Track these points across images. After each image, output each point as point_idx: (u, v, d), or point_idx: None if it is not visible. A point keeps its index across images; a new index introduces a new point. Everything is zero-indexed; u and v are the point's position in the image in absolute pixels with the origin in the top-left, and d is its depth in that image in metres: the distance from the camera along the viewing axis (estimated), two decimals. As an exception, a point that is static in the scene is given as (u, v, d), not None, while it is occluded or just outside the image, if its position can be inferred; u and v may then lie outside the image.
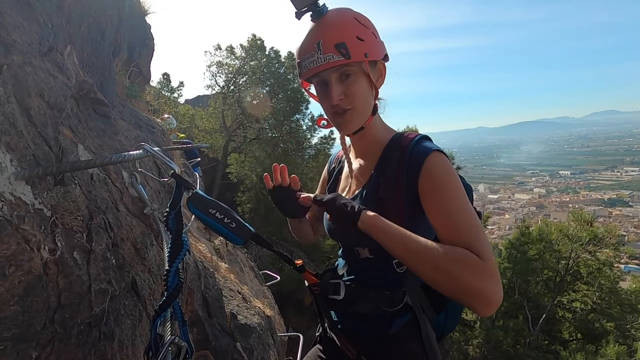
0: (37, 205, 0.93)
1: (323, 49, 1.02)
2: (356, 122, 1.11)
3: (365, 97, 1.09)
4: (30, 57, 1.11)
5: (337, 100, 1.06)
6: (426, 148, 1.03)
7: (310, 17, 1.07)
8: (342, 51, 1.01)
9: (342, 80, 1.06)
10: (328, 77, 1.06)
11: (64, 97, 1.25)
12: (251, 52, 15.13)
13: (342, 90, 1.06)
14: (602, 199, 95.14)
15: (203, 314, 2.40)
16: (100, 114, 1.73)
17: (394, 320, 1.10)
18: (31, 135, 1.02)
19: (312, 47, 1.03)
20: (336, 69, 1.04)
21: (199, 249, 3.43)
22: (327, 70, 1.04)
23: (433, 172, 0.98)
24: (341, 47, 1.01)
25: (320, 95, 1.12)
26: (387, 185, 1.06)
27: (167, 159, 1.13)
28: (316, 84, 1.13)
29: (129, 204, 1.55)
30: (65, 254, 0.96)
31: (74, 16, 1.59)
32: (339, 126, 1.13)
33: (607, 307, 13.27)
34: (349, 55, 1.01)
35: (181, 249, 1.06)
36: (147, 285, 1.47)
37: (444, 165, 1.00)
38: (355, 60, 1.02)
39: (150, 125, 2.58)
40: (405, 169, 1.03)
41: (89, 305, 1.02)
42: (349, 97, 1.06)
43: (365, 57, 1.03)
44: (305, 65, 1.06)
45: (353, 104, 1.07)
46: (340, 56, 1.01)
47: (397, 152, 1.08)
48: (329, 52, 1.01)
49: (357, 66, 1.05)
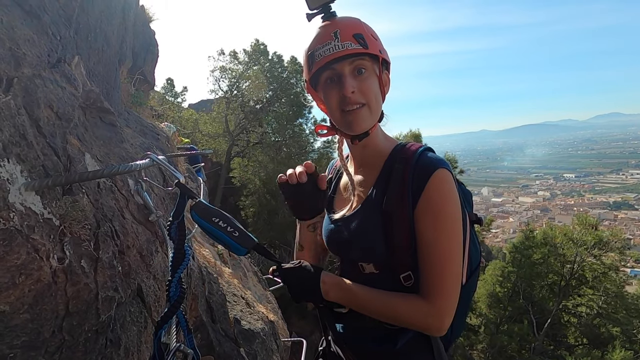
0: (47, 215, 0.95)
1: (340, 37, 1.01)
2: (368, 121, 1.07)
3: (377, 96, 1.06)
4: (40, 69, 1.14)
5: (351, 92, 1.02)
6: (431, 163, 1.02)
7: (322, 18, 1.07)
8: (360, 41, 1.00)
9: (355, 75, 1.03)
10: (341, 69, 1.03)
11: (71, 108, 1.27)
12: (254, 57, 15.23)
13: (356, 84, 1.03)
14: (607, 201, 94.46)
15: (207, 319, 2.42)
16: (107, 122, 1.76)
17: (400, 335, 1.08)
18: (40, 145, 1.05)
19: (329, 36, 1.02)
20: (351, 61, 1.02)
21: (202, 254, 3.45)
22: (341, 63, 1.02)
23: (432, 196, 1.00)
24: (359, 37, 1.01)
25: (329, 92, 1.07)
26: (392, 198, 1.04)
27: (172, 168, 1.15)
28: (324, 81, 1.08)
29: (135, 211, 1.57)
30: (74, 263, 0.98)
31: (82, 27, 1.62)
32: (350, 124, 1.06)
33: (613, 311, 13.15)
34: (366, 45, 1.01)
35: (183, 259, 1.07)
36: (153, 292, 1.49)
37: (444, 190, 1.00)
38: (372, 52, 1.02)
39: (155, 132, 2.61)
40: (410, 182, 1.02)
41: (96, 312, 1.04)
42: (362, 92, 1.03)
43: (380, 54, 1.04)
44: (320, 54, 1.03)
45: (367, 99, 1.04)
46: (358, 45, 1.00)
47: (401, 164, 1.06)
48: (347, 40, 1.00)
49: (370, 62, 1.04)
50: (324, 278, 1.06)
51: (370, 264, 1.11)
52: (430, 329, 1.01)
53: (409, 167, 1.03)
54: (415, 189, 1.01)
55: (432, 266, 1.00)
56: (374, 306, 1.04)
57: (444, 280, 0.99)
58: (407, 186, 1.02)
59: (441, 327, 1.00)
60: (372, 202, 1.09)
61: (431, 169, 1.01)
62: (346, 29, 1.02)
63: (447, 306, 0.99)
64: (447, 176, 1.01)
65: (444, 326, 1.00)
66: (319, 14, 1.07)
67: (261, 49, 15.24)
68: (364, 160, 1.17)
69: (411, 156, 1.05)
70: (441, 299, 0.99)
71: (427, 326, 1.01)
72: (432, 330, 1.01)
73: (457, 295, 1.02)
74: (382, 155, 1.13)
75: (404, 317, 1.02)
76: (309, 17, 1.08)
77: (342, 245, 1.18)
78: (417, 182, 1.01)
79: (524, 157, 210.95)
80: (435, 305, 0.99)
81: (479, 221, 1.21)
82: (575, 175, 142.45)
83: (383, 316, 1.05)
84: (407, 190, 1.02)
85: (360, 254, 1.12)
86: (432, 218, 1.00)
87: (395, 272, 1.07)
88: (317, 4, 1.05)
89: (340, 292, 1.06)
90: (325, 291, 1.05)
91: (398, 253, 1.04)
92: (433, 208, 1.00)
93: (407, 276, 1.06)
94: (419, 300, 1.01)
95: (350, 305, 1.08)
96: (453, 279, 1.00)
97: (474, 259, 1.17)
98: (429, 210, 1.00)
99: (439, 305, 0.99)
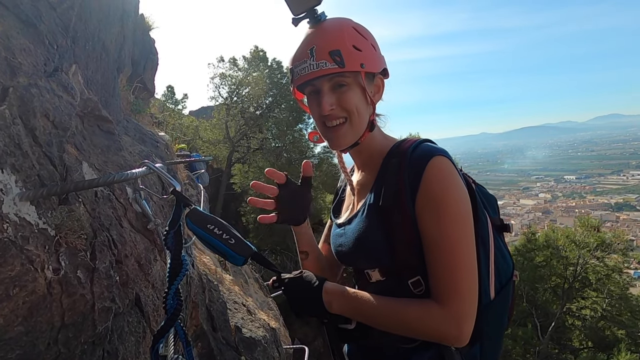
0: (42, 225, 0.94)
1: (316, 55, 0.96)
2: (349, 137, 1.03)
3: (360, 109, 1.01)
4: (36, 78, 1.13)
5: (329, 110, 0.99)
6: (427, 151, 0.96)
7: (308, 23, 1.03)
8: (337, 59, 0.95)
9: (334, 91, 1.00)
10: (320, 86, 1.00)
11: (68, 116, 1.27)
12: (254, 64, 15.30)
13: (335, 99, 0.99)
14: (608, 203, 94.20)
15: (208, 327, 2.39)
16: (105, 130, 1.75)
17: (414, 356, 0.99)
18: (36, 155, 1.04)
19: (305, 54, 0.98)
20: (329, 78, 0.98)
21: (203, 261, 3.43)
22: (319, 79, 0.98)
23: (430, 186, 0.93)
24: (335, 54, 0.95)
25: (312, 105, 1.05)
26: (388, 193, 0.98)
27: (169, 176, 1.14)
28: (308, 94, 1.07)
29: (133, 219, 1.56)
30: (69, 273, 0.97)
31: (79, 36, 1.62)
32: (330, 141, 1.06)
33: (618, 314, 13.04)
34: (343, 63, 0.95)
35: (180, 269, 1.05)
36: (151, 301, 1.48)
37: (442, 177, 0.93)
38: (349, 70, 0.96)
39: (154, 140, 2.60)
40: (405, 174, 0.96)
41: (93, 324, 1.02)
42: (341, 106, 1.00)
43: (362, 68, 0.97)
44: (297, 72, 1.01)
45: (348, 112, 1.00)
46: (334, 64, 0.95)
47: (397, 158, 1.00)
48: (322, 59, 0.95)
49: (352, 77, 0.99)
50: (327, 288, 1.00)
51: (376, 270, 1.05)
52: (448, 338, 0.90)
53: (404, 159, 0.98)
54: (412, 181, 0.95)
55: (441, 265, 0.91)
56: (382, 315, 0.95)
57: (457, 279, 0.89)
58: (403, 179, 0.96)
59: (460, 335, 0.88)
60: (371, 202, 1.04)
61: (427, 157, 0.95)
62: (323, 46, 0.97)
63: (463, 309, 0.89)
64: (444, 163, 0.94)
65: (464, 334, 0.88)
66: (304, 19, 1.03)
67: (260, 56, 15.31)
68: (364, 164, 1.14)
69: (407, 149, 1.00)
70: (456, 301, 0.89)
71: (444, 334, 0.89)
72: (449, 339, 0.89)
73: (475, 295, 0.92)
74: (381, 154, 1.08)
75: (415, 325, 0.91)
76: (294, 22, 1.04)
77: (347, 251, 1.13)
78: (413, 173, 0.95)
79: (525, 160, 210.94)
80: (450, 308, 0.88)
81: (505, 228, 1.11)
82: (576, 177, 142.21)
83: (392, 326, 0.95)
84: (404, 184, 0.95)
85: (363, 259, 1.07)
86: (433, 210, 0.92)
87: (402, 277, 1.00)
88: (300, 9, 1.01)
89: (344, 302, 0.99)
90: (328, 302, 0.98)
91: (402, 254, 0.98)
92: (433, 199, 0.92)
93: (417, 282, 0.99)
94: (432, 304, 0.91)
95: (356, 316, 1.00)
96: (467, 276, 0.90)
97: (502, 271, 1.06)
98: (429, 201, 0.92)
99: (454, 308, 0.88)
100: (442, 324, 0.89)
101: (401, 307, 0.94)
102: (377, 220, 1.00)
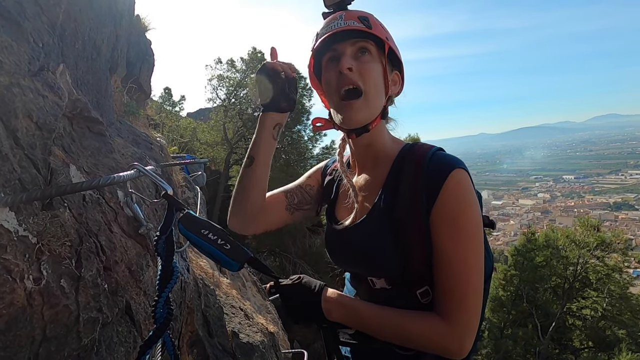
0: (22, 232, 0.88)
1: (345, 17, 0.98)
2: (363, 113, 0.98)
3: (377, 85, 0.98)
4: (19, 77, 1.08)
5: (347, 69, 0.95)
6: (447, 163, 0.93)
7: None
8: (365, 23, 0.97)
9: (357, 56, 0.98)
10: (343, 49, 0.98)
11: (54, 117, 1.21)
12: (252, 65, 15.26)
13: (356, 65, 0.97)
14: (607, 202, 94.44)
15: (203, 333, 2.34)
16: (95, 132, 1.70)
17: None
18: (17, 158, 0.99)
19: (334, 18, 0.99)
20: (352, 42, 0.97)
21: (200, 264, 3.37)
22: (342, 43, 0.97)
23: (449, 201, 0.90)
24: (364, 19, 0.97)
25: (328, 73, 1.01)
26: (403, 204, 0.94)
27: (160, 180, 1.09)
28: (326, 63, 1.02)
29: (124, 224, 1.50)
30: (52, 283, 0.92)
31: (68, 34, 1.57)
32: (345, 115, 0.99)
33: (618, 313, 13.03)
34: (370, 27, 0.97)
35: (171, 277, 1.00)
36: (143, 309, 1.42)
37: (463, 193, 0.91)
38: (375, 34, 0.97)
39: (149, 142, 2.55)
40: (423, 185, 0.92)
41: (77, 336, 0.97)
42: (361, 74, 0.96)
43: (387, 40, 0.99)
44: (322, 33, 1.00)
45: (365, 84, 0.96)
46: (361, 25, 0.96)
47: (411, 165, 0.96)
48: (351, 19, 0.97)
49: (375, 47, 0.99)
50: (327, 295, 0.96)
51: (382, 279, 1.01)
52: (450, 352, 0.89)
53: (420, 168, 0.93)
54: (429, 193, 0.91)
55: (450, 281, 0.90)
56: (384, 327, 0.93)
57: (465, 297, 0.89)
58: (420, 190, 0.92)
59: (461, 350, 0.89)
60: (381, 209, 0.99)
61: (447, 169, 0.91)
62: (353, 12, 0.99)
63: (468, 326, 0.89)
64: (464, 177, 0.92)
65: (465, 349, 0.89)
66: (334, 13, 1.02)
67: (258, 57, 15.27)
68: (368, 162, 1.08)
69: (423, 156, 0.95)
70: (462, 318, 0.88)
71: (446, 349, 0.89)
72: (451, 353, 0.90)
73: (479, 312, 0.92)
74: (388, 156, 1.03)
75: (418, 339, 0.90)
76: (325, 16, 1.03)
77: (349, 259, 1.08)
78: (431, 185, 0.91)
79: (523, 160, 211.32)
80: (455, 325, 0.88)
81: (491, 224, 1.11)
82: (574, 177, 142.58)
83: (394, 338, 0.93)
84: (420, 195, 0.91)
85: (369, 269, 1.02)
86: (449, 226, 0.90)
87: (410, 287, 0.96)
88: (333, 1, 1.02)
89: (344, 311, 0.95)
90: (327, 310, 0.95)
91: (413, 266, 0.94)
92: (450, 214, 0.90)
93: (425, 292, 0.96)
94: (436, 319, 0.90)
95: (357, 326, 0.97)
96: (475, 294, 0.90)
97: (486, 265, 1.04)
98: (446, 217, 0.90)
99: (460, 325, 0.88)
100: (445, 340, 0.88)
101: (404, 320, 0.92)
102: (389, 231, 0.96)
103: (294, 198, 1.25)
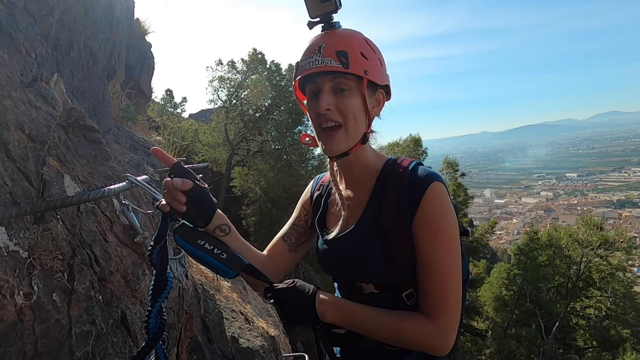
0: (12, 247, 0.88)
1: (323, 52, 0.98)
2: (343, 144, 1.02)
3: (357, 117, 1.01)
4: (10, 90, 1.08)
5: (325, 109, 0.98)
6: (426, 176, 1.00)
7: (322, 28, 1.04)
8: (342, 59, 0.96)
9: (335, 93, 1.00)
10: (322, 85, 1.00)
11: (47, 128, 1.21)
12: (252, 66, 15.24)
13: (334, 102, 0.99)
14: (610, 200, 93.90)
15: (203, 339, 2.33)
16: (91, 140, 1.70)
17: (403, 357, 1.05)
18: (9, 171, 0.98)
19: (313, 50, 1.00)
20: (331, 77, 0.99)
21: (199, 269, 3.36)
22: (321, 78, 0.99)
23: (429, 211, 0.98)
24: (342, 54, 0.96)
25: (310, 105, 1.05)
26: (388, 214, 1.01)
27: (153, 190, 1.08)
28: (309, 94, 1.06)
29: (120, 233, 1.50)
30: (43, 298, 0.91)
31: (62, 43, 1.56)
32: (324, 145, 1.04)
33: (622, 312, 12.94)
34: (347, 64, 0.96)
35: (165, 287, 1.00)
36: (139, 319, 1.42)
37: (440, 204, 0.99)
38: (352, 72, 0.97)
39: (147, 147, 2.55)
40: (405, 196, 1.00)
41: (70, 350, 0.96)
42: (339, 110, 0.99)
43: (365, 74, 0.98)
44: (302, 66, 1.02)
45: (344, 118, 0.99)
46: (338, 63, 0.96)
47: (395, 177, 1.04)
48: (328, 56, 0.97)
49: (354, 82, 0.99)
50: (320, 298, 1.01)
51: (370, 284, 1.08)
52: (434, 349, 0.98)
53: (403, 181, 1.01)
54: (411, 203, 0.99)
55: (433, 284, 0.98)
56: (375, 327, 1.00)
57: (446, 298, 0.97)
58: (403, 200, 0.99)
59: (444, 346, 0.97)
60: (368, 219, 1.06)
61: (426, 182, 0.99)
62: (331, 45, 0.98)
63: (450, 325, 0.97)
64: (442, 190, 1.00)
65: (448, 346, 0.98)
66: (319, 23, 1.04)
67: (259, 58, 15.25)
68: (354, 177, 1.13)
69: (404, 170, 1.03)
70: (444, 318, 0.97)
71: (431, 346, 0.98)
72: (435, 350, 0.98)
73: (459, 312, 1.00)
74: (372, 171, 1.10)
75: (407, 338, 0.99)
76: (310, 25, 1.05)
77: (340, 266, 1.14)
78: (412, 196, 0.99)
79: (526, 158, 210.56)
80: (440, 324, 0.97)
81: (465, 233, 1.15)
82: (577, 175, 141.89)
83: (384, 337, 1.01)
84: (404, 205, 0.99)
85: (359, 275, 1.08)
86: (430, 234, 0.98)
87: (397, 291, 1.04)
88: (317, 12, 1.02)
89: (338, 313, 1.01)
90: (321, 312, 0.99)
91: (399, 271, 1.01)
92: (430, 223, 0.98)
93: (410, 294, 1.04)
94: (422, 319, 0.98)
95: (350, 326, 1.03)
96: (455, 296, 0.99)
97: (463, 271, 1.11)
98: (426, 225, 0.98)
99: (443, 324, 0.97)
100: (431, 338, 0.97)
101: (394, 320, 0.99)
102: (376, 238, 1.02)
103: (291, 239, 1.29)
